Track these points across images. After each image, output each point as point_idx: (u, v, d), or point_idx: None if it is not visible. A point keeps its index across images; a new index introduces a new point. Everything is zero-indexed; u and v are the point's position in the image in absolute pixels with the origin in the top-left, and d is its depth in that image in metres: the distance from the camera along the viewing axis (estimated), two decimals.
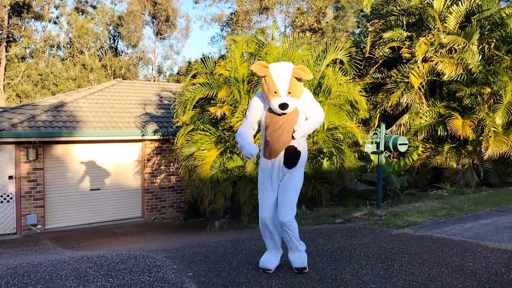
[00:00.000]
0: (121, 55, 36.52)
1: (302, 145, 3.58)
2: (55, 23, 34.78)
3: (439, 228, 5.72)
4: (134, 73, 35.86)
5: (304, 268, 3.75)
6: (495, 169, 9.71)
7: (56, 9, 34.39)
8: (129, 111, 13.04)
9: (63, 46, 33.85)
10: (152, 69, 38.81)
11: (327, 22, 32.72)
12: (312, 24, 31.93)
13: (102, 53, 34.90)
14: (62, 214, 11.31)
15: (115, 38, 36.31)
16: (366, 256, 4.45)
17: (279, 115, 3.43)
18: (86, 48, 33.11)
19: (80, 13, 34.71)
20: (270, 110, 3.46)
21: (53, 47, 33.83)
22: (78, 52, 32.90)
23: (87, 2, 35.38)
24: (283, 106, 3.32)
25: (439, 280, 3.70)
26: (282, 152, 3.50)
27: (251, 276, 3.76)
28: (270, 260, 3.76)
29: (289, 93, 3.32)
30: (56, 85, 30.59)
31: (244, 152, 3.53)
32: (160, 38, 37.41)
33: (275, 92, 3.32)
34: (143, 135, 12.14)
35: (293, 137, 3.47)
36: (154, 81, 35.59)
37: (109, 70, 33.68)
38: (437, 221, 6.15)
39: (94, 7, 35.45)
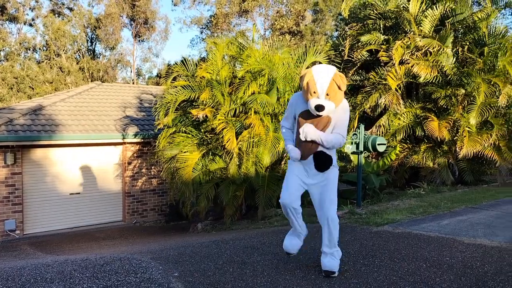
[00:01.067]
0: (99, 57, 36.08)
1: (331, 151, 3.63)
2: (30, 25, 34.17)
3: (417, 225, 5.90)
4: (113, 75, 35.45)
5: (332, 272, 3.73)
6: (470, 168, 10.03)
7: (32, 11, 33.79)
8: (109, 114, 12.94)
9: (39, 48, 33.24)
10: (131, 72, 38.47)
11: (306, 25, 33.07)
12: (291, 27, 32.21)
13: (79, 55, 34.40)
14: (41, 219, 11.15)
15: (93, 41, 35.85)
16: (348, 253, 4.57)
17: (312, 117, 3.44)
18: (63, 50, 32.59)
19: (57, 15, 34.16)
20: (303, 113, 3.49)
21: (29, 49, 33.17)
22: (55, 54, 32.35)
23: (63, 4, 34.86)
24: (319, 107, 3.29)
25: (418, 274, 3.84)
26: (311, 156, 3.56)
27: (237, 275, 3.83)
28: (293, 243, 3.91)
29: (327, 95, 3.29)
30: (32, 88, 30.01)
31: (290, 155, 3.67)
32: (139, 40, 37.13)
33: (314, 93, 3.30)
34: (123, 138, 12.07)
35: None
36: (133, 83, 35.28)
37: (86, 73, 33.21)
38: (415, 219, 6.34)
39: (71, 9, 34.94)
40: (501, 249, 4.64)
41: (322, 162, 3.56)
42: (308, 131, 3.45)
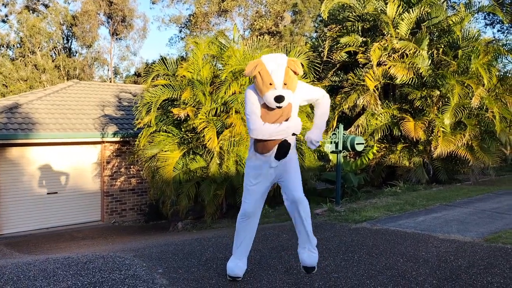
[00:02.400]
0: (76, 55, 35.46)
1: (291, 137, 3.40)
2: (3, 21, 33.32)
3: (394, 222, 6.08)
4: (89, 74, 34.90)
5: (313, 268, 3.64)
6: (444, 167, 10.33)
7: (5, 7, 32.96)
8: (87, 113, 12.80)
9: (13, 45, 32.45)
10: (108, 70, 37.94)
11: (285, 26, 33.28)
12: (271, 28, 32.37)
13: (55, 53, 33.74)
14: (17, 219, 10.95)
15: (69, 38, 35.21)
16: (328, 249, 4.70)
17: (272, 109, 3.20)
18: (38, 48, 31.91)
19: (31, 11, 33.40)
20: (264, 105, 3.22)
21: (2, 46, 32.35)
22: (30, 52, 31.65)
23: (38, 1, 34.10)
24: (279, 98, 3.06)
25: (395, 269, 3.99)
26: (275, 147, 3.32)
27: (221, 271, 3.90)
28: (239, 266, 3.55)
29: (285, 84, 3.07)
30: (6, 86, 29.28)
31: (293, 132, 3.30)
32: (117, 38, 36.65)
33: (270, 84, 3.06)
34: (102, 137, 11.96)
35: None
36: (110, 82, 34.81)
37: (62, 71, 32.61)
38: (392, 216, 6.53)
39: (46, 6, 34.21)
40: (473, 244, 4.84)
41: (285, 150, 3.33)
42: (315, 138, 3.40)
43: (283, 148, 3.31)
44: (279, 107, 3.14)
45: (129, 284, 3.54)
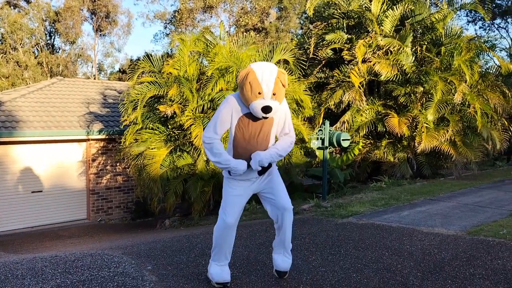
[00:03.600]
0: (59, 52, 34.96)
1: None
2: None
3: (379, 216, 6.19)
4: (73, 70, 34.47)
5: (285, 273, 3.63)
6: (428, 162, 10.51)
7: None
8: (72, 110, 12.67)
9: None
10: (92, 67, 37.51)
11: (270, 22, 33.31)
12: (256, 24, 32.37)
13: (37, 50, 33.23)
14: (2, 217, 10.81)
15: (52, 34, 34.69)
16: (315, 243, 4.77)
17: (255, 120, 3.12)
18: (20, 44, 31.37)
19: (13, 7, 32.80)
20: (247, 115, 3.12)
21: None
22: (11, 48, 31.09)
23: None
24: (266, 109, 2.97)
25: (381, 262, 4.08)
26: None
27: None
28: (227, 271, 3.45)
29: (274, 94, 3.00)
30: None
31: (232, 170, 3.18)
32: (100, 34, 36.23)
33: (259, 93, 2.97)
34: (87, 135, 11.86)
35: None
36: (95, 79, 34.41)
37: (45, 68, 32.14)
38: (377, 210, 6.64)
39: (28, 2, 33.63)
40: (456, 237, 4.97)
41: (266, 167, 3.27)
42: (262, 158, 3.15)
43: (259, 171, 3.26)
44: (265, 118, 3.07)
45: (119, 281, 3.55)
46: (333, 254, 4.34)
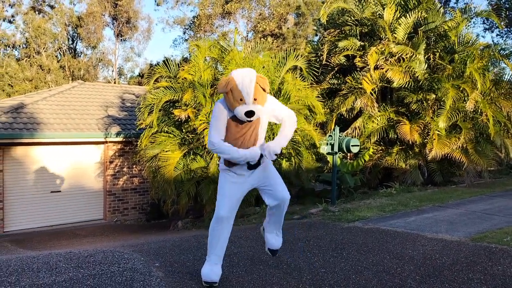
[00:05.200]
0: (80, 56, 35.84)
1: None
2: (10, 22, 33.74)
3: (385, 221, 6.28)
4: (94, 74, 35.26)
5: (277, 251, 3.92)
6: (440, 169, 10.49)
7: (11, 7, 33.38)
8: (91, 113, 13.05)
9: (19, 46, 32.87)
10: (113, 71, 38.28)
11: (288, 28, 33.50)
12: (274, 30, 32.61)
13: (60, 54, 34.12)
14: (22, 216, 11.21)
15: (74, 39, 35.60)
16: (319, 246, 4.90)
17: (242, 123, 3.32)
18: (44, 48, 32.28)
19: (37, 12, 33.80)
20: (233, 118, 3.32)
21: (8, 46, 32.75)
22: (35, 52, 32.02)
23: (44, 2, 34.49)
24: (250, 113, 3.19)
25: (381, 265, 4.19)
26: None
27: None
28: (215, 271, 3.49)
29: (255, 99, 3.20)
30: (12, 86, 29.65)
31: (249, 159, 3.36)
32: (121, 39, 37.00)
33: (241, 100, 3.19)
34: (105, 137, 12.21)
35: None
36: (115, 83, 35.13)
37: (67, 72, 32.98)
38: (384, 216, 6.72)
39: (52, 7, 34.61)
40: (460, 243, 5.03)
41: (254, 165, 3.45)
42: (273, 149, 3.35)
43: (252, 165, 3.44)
44: (250, 121, 3.29)
45: (127, 276, 3.75)
46: (335, 257, 4.46)
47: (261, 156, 3.42)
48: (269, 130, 8.98)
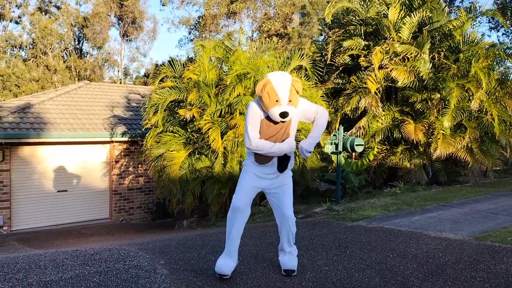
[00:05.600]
0: (86, 56, 36.06)
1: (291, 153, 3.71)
2: (16, 23, 34.03)
3: (389, 220, 6.29)
4: (100, 75, 35.48)
5: (293, 271, 3.82)
6: (445, 169, 10.48)
7: (18, 8, 33.65)
8: (97, 113, 13.15)
9: (26, 46, 33.13)
10: (118, 71, 38.50)
11: (293, 28, 33.52)
12: (279, 30, 32.63)
13: (66, 54, 34.36)
14: (29, 215, 11.32)
15: (80, 39, 35.83)
16: (322, 244, 4.93)
17: (275, 123, 3.46)
18: (50, 49, 32.52)
19: (44, 13, 34.07)
20: (267, 118, 3.47)
21: (15, 47, 33.03)
22: (42, 53, 32.27)
23: (50, 3, 34.76)
24: (284, 114, 3.33)
25: (384, 263, 4.21)
26: (275, 159, 3.59)
27: None
28: (228, 264, 3.68)
29: (289, 101, 3.34)
30: (18, 86, 29.89)
31: (287, 151, 3.57)
32: (127, 40, 37.20)
33: (277, 101, 3.33)
34: (111, 137, 12.30)
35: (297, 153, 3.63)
36: (120, 83, 35.31)
37: (73, 72, 33.20)
38: (388, 215, 6.73)
39: (58, 8, 34.86)
40: (463, 241, 5.04)
41: (285, 162, 3.64)
42: (307, 148, 3.54)
43: (285, 161, 3.64)
44: (283, 121, 3.44)
45: (132, 273, 3.80)
46: (338, 255, 4.48)
47: (288, 158, 3.64)
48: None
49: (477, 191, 9.32)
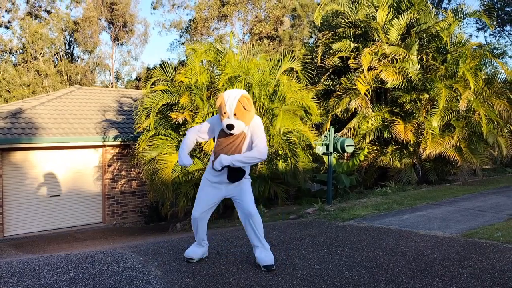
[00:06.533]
0: (77, 61, 35.93)
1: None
2: (6, 27, 33.85)
3: (379, 219, 6.40)
4: (91, 79, 35.36)
5: (272, 266, 4.01)
6: (434, 168, 10.64)
7: (8, 13, 33.48)
8: (89, 118, 13.15)
9: (16, 51, 32.93)
10: (110, 75, 38.38)
11: (284, 30, 33.66)
12: (270, 32, 32.77)
13: (57, 59, 34.21)
14: (21, 221, 11.29)
15: (71, 44, 35.70)
16: (314, 244, 5.01)
17: (228, 136, 3.87)
18: (41, 53, 32.36)
19: (34, 18, 33.91)
20: (220, 133, 3.93)
21: (5, 52, 32.83)
22: (32, 57, 32.10)
23: (40, 7, 34.62)
24: (230, 126, 3.74)
25: (374, 261, 4.30)
26: (226, 169, 3.89)
27: (211, 263, 4.22)
28: (194, 251, 4.28)
29: (235, 115, 3.71)
30: (9, 92, 29.72)
31: (179, 161, 4.10)
32: (118, 43, 37.14)
33: (225, 113, 3.73)
34: (103, 141, 12.30)
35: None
36: (112, 87, 35.23)
37: (64, 76, 33.06)
38: (378, 214, 6.84)
39: (48, 12, 34.72)
40: (451, 239, 5.15)
41: (235, 173, 3.92)
42: (222, 160, 3.78)
43: (236, 173, 3.93)
44: (231, 134, 3.83)
45: (126, 275, 3.86)
46: (329, 254, 4.57)
47: (240, 175, 3.95)
48: (265, 132, 9.12)
49: (466, 189, 9.47)
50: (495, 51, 11.08)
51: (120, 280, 3.70)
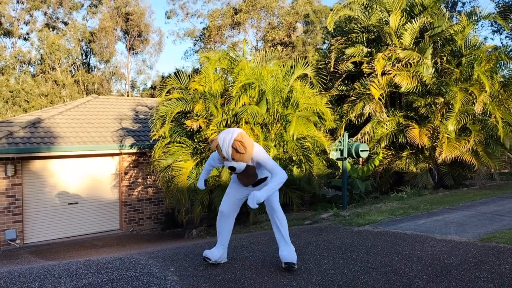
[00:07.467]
0: (94, 70, 36.55)
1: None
2: (25, 39, 34.65)
3: (395, 224, 6.36)
4: (107, 88, 35.91)
5: (293, 264, 4.14)
6: (451, 172, 10.52)
7: (26, 25, 34.28)
8: (105, 126, 13.37)
9: (34, 62, 33.66)
10: (126, 84, 38.94)
11: (297, 36, 33.75)
12: (283, 38, 32.89)
13: (74, 69, 34.86)
14: (40, 228, 11.50)
15: (87, 54, 36.36)
16: (329, 249, 5.02)
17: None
18: (58, 64, 33.02)
19: (51, 29, 34.67)
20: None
21: (24, 63, 33.56)
22: (50, 68, 32.76)
23: (58, 19, 35.39)
24: (231, 169, 3.97)
25: (389, 266, 4.29)
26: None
27: (227, 269, 4.27)
28: (213, 252, 4.40)
29: (233, 159, 3.88)
30: (28, 102, 30.34)
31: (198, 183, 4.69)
32: (133, 53, 37.70)
33: (224, 157, 3.95)
34: (120, 149, 12.49)
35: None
36: (128, 95, 35.73)
37: (81, 86, 33.65)
38: (394, 219, 6.80)
39: (65, 23, 35.47)
40: (468, 243, 5.10)
41: (259, 183, 4.25)
42: (258, 197, 3.78)
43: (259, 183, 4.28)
44: (236, 173, 4.11)
45: (144, 280, 3.93)
46: (344, 259, 4.57)
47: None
48: (279, 138, 9.18)
49: (483, 193, 9.34)
50: (511, 53, 10.94)
51: (137, 285, 3.77)
